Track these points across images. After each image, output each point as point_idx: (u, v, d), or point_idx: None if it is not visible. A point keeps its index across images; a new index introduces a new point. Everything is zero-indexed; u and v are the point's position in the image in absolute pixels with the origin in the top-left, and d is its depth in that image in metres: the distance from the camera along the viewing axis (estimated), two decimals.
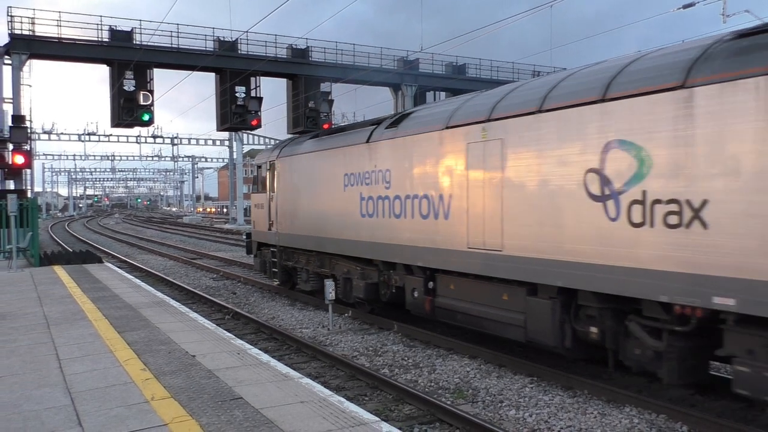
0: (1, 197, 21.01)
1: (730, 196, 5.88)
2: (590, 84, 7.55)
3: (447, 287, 9.97)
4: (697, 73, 6.24)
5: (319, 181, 13.64)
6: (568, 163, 7.61)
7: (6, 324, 9.75)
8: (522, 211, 8.25)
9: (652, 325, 6.92)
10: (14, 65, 25.32)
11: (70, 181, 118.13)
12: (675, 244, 6.34)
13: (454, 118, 9.66)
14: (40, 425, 5.24)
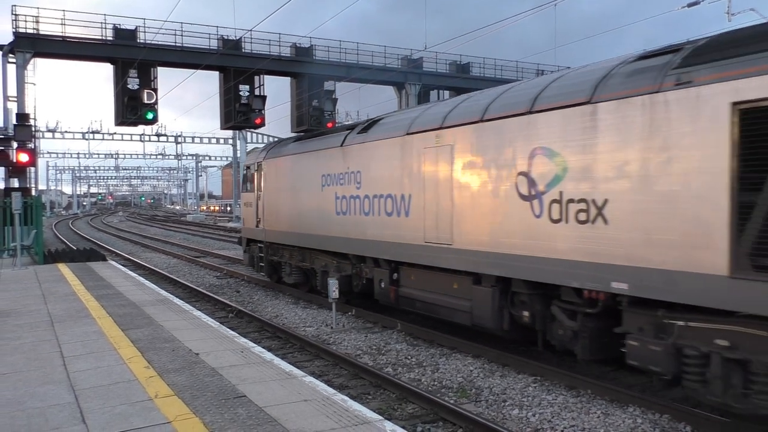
0: (5, 195, 21.07)
1: (624, 196, 6.90)
2: (521, 98, 8.56)
3: (408, 278, 11.05)
4: (600, 91, 7.29)
5: (301, 182, 14.66)
6: (503, 167, 8.65)
7: (10, 321, 9.78)
8: (468, 209, 9.30)
9: (569, 308, 7.96)
10: (18, 64, 25.35)
11: (74, 179, 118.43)
12: (584, 238, 7.38)
13: (414, 126, 10.69)
14: (44, 422, 5.25)
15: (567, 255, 7.57)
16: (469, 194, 9.29)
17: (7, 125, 24.58)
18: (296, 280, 15.45)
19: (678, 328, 6.49)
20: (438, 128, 10.00)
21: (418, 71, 33.17)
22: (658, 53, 7.17)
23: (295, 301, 15.15)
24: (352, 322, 12.47)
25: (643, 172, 6.71)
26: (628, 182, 6.86)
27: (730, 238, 5.83)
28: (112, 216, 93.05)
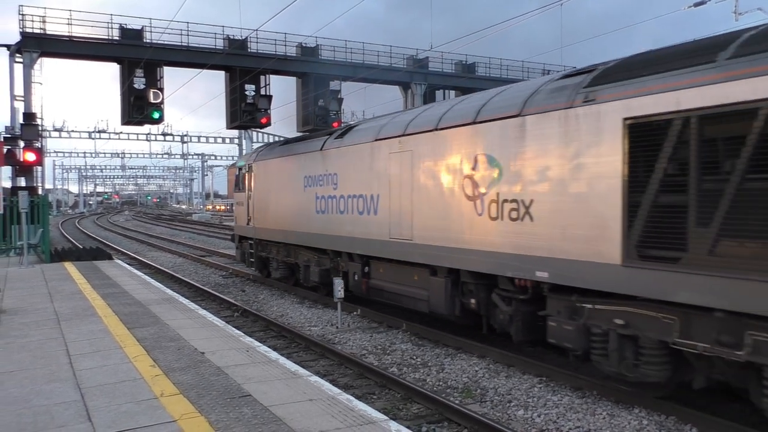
0: (12, 194, 21.16)
1: (545, 197, 7.93)
2: (468, 110, 9.58)
3: (377, 271, 12.12)
4: (528, 106, 8.32)
5: (286, 183, 15.77)
6: (453, 171, 9.69)
7: (17, 319, 9.82)
8: (425, 208, 10.36)
9: (505, 295, 8.96)
10: (25, 63, 25.47)
11: (80, 178, 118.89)
12: (515, 233, 8.42)
13: (381, 133, 11.74)
14: (50, 420, 5.27)
15: (502, 248, 8.64)
16: (425, 195, 10.35)
17: (14, 124, 24.69)
18: (282, 274, 16.60)
19: (587, 311, 7.52)
20: (401, 135, 11.07)
21: (424, 71, 33.17)
22: (576, 73, 8.20)
23: (301, 300, 15.16)
24: (357, 321, 12.47)
25: (559, 176, 7.75)
26: (549, 185, 7.91)
27: (622, 232, 6.86)
28: (119, 215, 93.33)
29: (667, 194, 6.47)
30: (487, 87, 21.64)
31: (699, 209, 6.13)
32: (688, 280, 6.19)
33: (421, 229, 10.41)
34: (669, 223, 6.43)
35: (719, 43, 6.50)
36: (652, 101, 6.64)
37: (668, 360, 6.70)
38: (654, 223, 6.59)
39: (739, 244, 5.82)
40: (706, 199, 6.09)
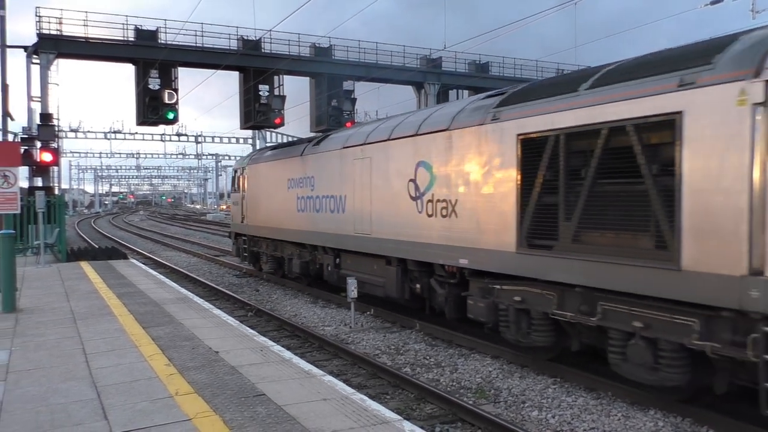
0: (29, 194, 21.39)
1: (466, 198, 9.53)
2: (412, 124, 11.21)
3: (346, 262, 13.69)
4: (454, 122, 9.95)
5: (274, 184, 17.45)
6: (400, 175, 11.31)
7: (34, 318, 9.92)
8: (380, 206, 11.96)
9: (440, 280, 10.66)
10: (42, 64, 25.72)
11: (96, 178, 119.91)
12: (445, 228, 10.04)
13: (348, 141, 13.33)
14: (67, 418, 5.32)
15: (437, 240, 10.24)
16: (380, 195, 11.98)
17: (30, 125, 24.95)
18: (271, 267, 18.16)
19: (496, 291, 9.08)
20: (362, 144, 12.65)
21: (437, 71, 33.11)
22: (492, 95, 9.85)
23: (314, 300, 15.20)
24: (370, 321, 12.48)
25: (476, 180, 9.34)
26: (468, 188, 9.50)
27: (516, 226, 8.44)
28: (133, 215, 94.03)
29: (545, 195, 8.06)
30: (501, 86, 21.56)
31: (565, 207, 7.71)
32: (559, 263, 7.78)
33: (377, 225, 12.06)
34: (546, 218, 8.03)
35: (585, 76, 8.08)
36: (535, 121, 8.25)
37: (551, 328, 8.28)
38: (537, 218, 8.18)
39: (592, 234, 7.40)
40: (570, 199, 7.67)
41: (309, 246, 15.31)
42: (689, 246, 6.25)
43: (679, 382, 6.69)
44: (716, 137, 6.06)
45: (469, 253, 9.43)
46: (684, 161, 6.33)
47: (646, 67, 7.19)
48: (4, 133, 20.69)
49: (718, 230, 5.99)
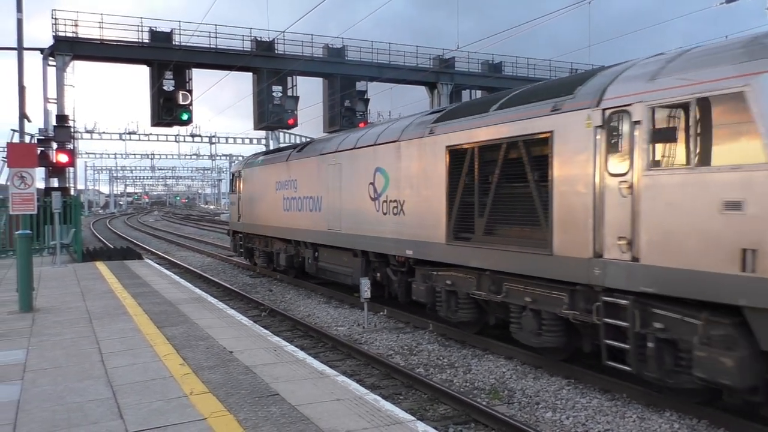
0: (45, 195, 21.59)
1: (411, 198, 11.35)
2: (372, 136, 13.03)
3: (323, 255, 15.49)
4: (403, 134, 11.75)
5: (264, 187, 19.28)
6: (362, 179, 13.10)
7: (50, 318, 10.02)
8: (347, 205, 13.78)
9: (394, 269, 12.37)
10: (58, 66, 25.96)
11: (111, 179, 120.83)
12: (396, 224, 11.84)
13: (324, 149, 15.29)
14: (83, 417, 5.36)
15: (390, 235, 12.04)
16: (348, 196, 13.74)
17: (47, 126, 25.18)
18: (263, 261, 19.99)
19: (434, 276, 10.93)
20: (334, 152, 14.53)
21: (450, 71, 33.05)
22: (433, 112, 11.74)
23: (327, 300, 15.22)
24: (383, 322, 12.48)
25: (417, 184, 11.13)
26: (412, 190, 11.30)
27: (446, 221, 10.23)
28: (148, 215, 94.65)
29: (466, 196, 9.84)
30: (514, 86, 21.58)
31: (479, 206, 9.50)
32: (475, 252, 9.58)
33: (345, 222, 13.85)
34: (466, 215, 9.83)
35: (495, 99, 9.87)
36: (459, 135, 10.04)
37: (473, 307, 10.07)
38: (460, 215, 10.00)
39: (497, 228, 9.21)
40: (482, 199, 9.43)
41: (293, 241, 17.28)
42: (557, 236, 7.98)
43: (555, 344, 8.43)
44: (573, 151, 7.79)
45: (414, 245, 11.30)
46: (554, 170, 8.06)
47: (535, 94, 8.93)
48: (21, 135, 20.88)
49: (575, 224, 7.71)
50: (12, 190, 13.19)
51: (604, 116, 7.38)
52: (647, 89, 6.97)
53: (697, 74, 6.48)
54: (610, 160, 7.31)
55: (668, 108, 6.72)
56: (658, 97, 6.81)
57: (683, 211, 6.47)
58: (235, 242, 23.07)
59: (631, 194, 7.01)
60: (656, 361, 6.77)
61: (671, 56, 7.28)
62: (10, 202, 13.31)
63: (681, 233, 6.46)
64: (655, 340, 6.81)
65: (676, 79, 6.72)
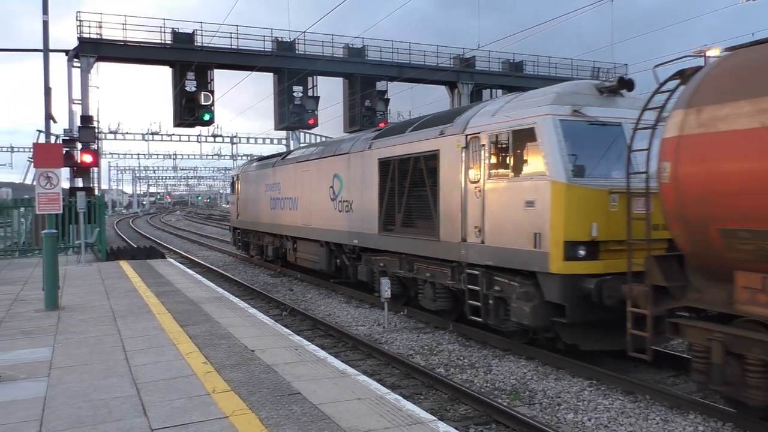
0: (70, 194, 21.91)
1: (356, 199, 14.08)
2: (333, 147, 16.09)
3: (299, 246, 18.39)
4: (352, 148, 14.59)
5: (256, 188, 22.44)
6: (326, 183, 16.00)
7: (75, 316, 10.17)
8: (315, 205, 16.73)
9: (348, 255, 15.08)
10: (83, 68, 26.34)
11: (134, 179, 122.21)
12: (347, 219, 14.64)
13: (299, 158, 18.50)
14: (108, 414, 5.44)
15: (343, 228, 14.90)
16: (316, 197, 16.69)
17: (72, 127, 25.55)
18: (256, 253, 23.01)
19: (372, 260, 13.72)
20: (307, 160, 17.69)
21: (471, 70, 32.94)
22: (375, 131, 14.78)
23: (348, 300, 15.27)
24: (403, 321, 12.48)
25: (362, 187, 13.90)
26: (359, 192, 14.08)
27: (378, 217, 13.06)
28: (170, 215, 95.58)
29: (390, 197, 12.70)
30: (535, 85, 21.67)
31: (397, 204, 12.38)
32: (396, 240, 12.44)
33: (314, 219, 16.83)
34: (390, 212, 12.68)
35: (412, 122, 13.04)
36: (385, 150, 12.96)
37: (399, 283, 12.81)
38: (386, 212, 12.81)
39: (408, 222, 12.05)
40: (400, 200, 12.34)
41: (278, 235, 20.18)
42: (442, 227, 10.90)
43: (445, 308, 11.34)
44: (450, 165, 10.70)
45: (359, 236, 14.07)
46: (440, 178, 10.98)
47: (433, 121, 11.93)
48: (47, 135, 21.23)
49: (451, 217, 10.62)
50: (38, 189, 13.42)
51: (467, 140, 10.29)
52: (489, 122, 9.91)
53: (514, 113, 9.42)
54: (470, 172, 10.17)
55: (498, 136, 9.57)
56: (494, 129, 9.70)
57: (506, 208, 9.34)
58: (234, 237, 26.42)
59: (481, 196, 9.85)
60: (494, 313, 9.58)
61: (509, 99, 10.39)
62: (37, 202, 13.55)
63: (505, 223, 9.32)
64: (494, 298, 9.65)
65: (503, 116, 9.65)
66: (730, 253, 6.23)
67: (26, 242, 22.74)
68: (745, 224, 6.00)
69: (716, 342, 6.41)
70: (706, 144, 6.32)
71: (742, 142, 6.01)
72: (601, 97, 9.24)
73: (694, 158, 6.43)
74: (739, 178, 6.01)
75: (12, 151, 71.59)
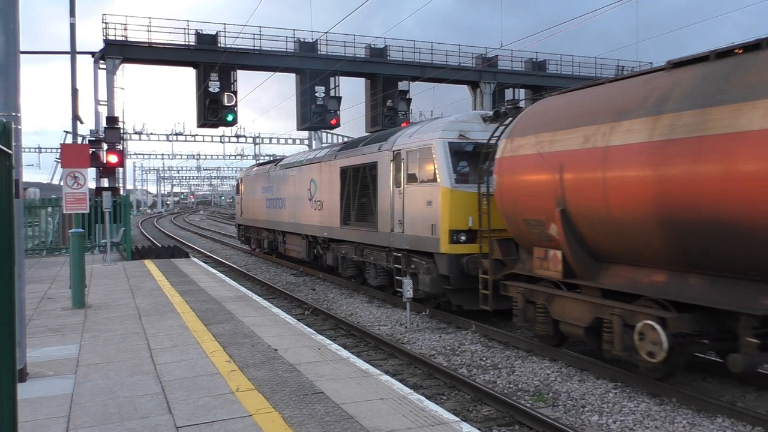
0: (96, 194, 22.22)
1: (326, 199, 17.25)
2: (312, 157, 19.14)
3: (287, 239, 21.83)
4: (323, 158, 17.80)
5: (254, 190, 26.14)
6: (305, 186, 19.08)
7: (101, 314, 10.31)
8: (299, 204, 19.86)
9: (322, 246, 18.16)
10: (108, 69, 26.67)
11: (158, 179, 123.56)
12: (319, 216, 17.77)
13: (288, 164, 21.58)
14: (134, 411, 5.50)
15: (317, 223, 17.99)
16: (299, 198, 19.82)
17: (97, 128, 25.89)
18: (256, 246, 26.90)
19: (338, 248, 16.71)
20: (292, 167, 21.01)
21: (493, 70, 32.75)
22: (343, 143, 17.70)
23: (370, 300, 15.27)
24: (426, 322, 12.45)
25: (329, 190, 16.96)
26: (327, 194, 17.08)
27: (339, 213, 16.08)
28: (194, 215, 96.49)
29: (347, 198, 15.68)
30: (558, 85, 21.58)
31: (352, 203, 15.28)
32: (351, 231, 15.44)
33: (297, 216, 20.04)
34: (347, 209, 15.64)
35: (363, 139, 16.40)
36: (344, 161, 15.99)
37: (356, 266, 16.08)
38: (344, 209, 15.81)
39: (359, 216, 14.93)
40: (353, 199, 15.26)
41: (272, 230, 23.73)
42: (379, 221, 13.94)
43: (383, 284, 14.59)
44: (383, 174, 13.85)
45: (327, 229, 17.23)
46: (377, 184, 14.11)
47: (376, 139, 15.21)
48: (74, 136, 21.53)
49: (384, 214, 13.69)
50: (65, 189, 13.61)
51: (393, 155, 13.50)
52: (406, 142, 13.18)
53: (421, 136, 12.67)
54: (395, 179, 13.38)
55: (410, 153, 12.85)
56: (408, 147, 12.97)
57: (416, 206, 12.52)
58: (239, 233, 30.88)
59: (402, 197, 13.01)
60: (412, 286, 11.89)
61: (425, 124, 13.75)
62: (64, 202, 13.75)
63: (416, 217, 12.51)
64: (411, 275, 12.82)
65: (415, 138, 12.88)
66: (530, 235, 9.44)
67: (53, 241, 23.12)
68: (532, 216, 9.18)
69: (520, 294, 9.81)
70: (514, 163, 9.61)
71: (528, 162, 9.26)
72: (484, 124, 12.25)
73: (508, 173, 9.70)
74: (527, 185, 9.27)
75: (40, 152, 72.91)
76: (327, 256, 17.69)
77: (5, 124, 3.47)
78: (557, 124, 8.95)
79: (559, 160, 8.60)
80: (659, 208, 7.11)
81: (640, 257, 7.77)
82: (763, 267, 6.32)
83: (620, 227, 7.73)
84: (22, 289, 6.37)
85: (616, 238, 7.94)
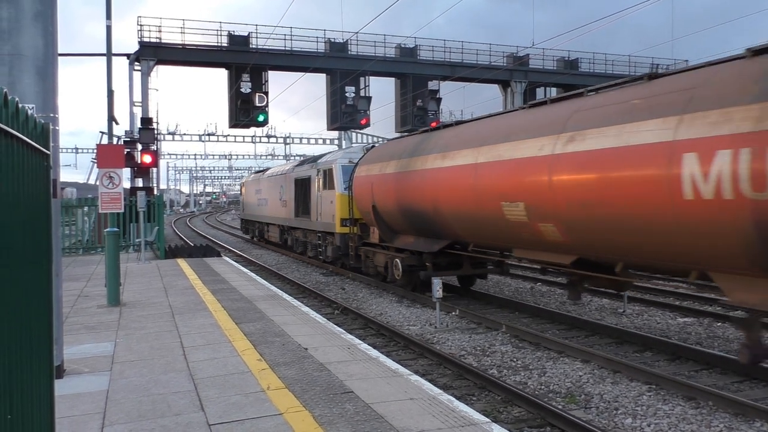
0: (131, 194, 22.61)
1: (288, 199, 25.71)
2: (285, 169, 27.21)
3: (269, 229, 29.78)
4: (287, 172, 26.25)
5: (252, 192, 33.59)
6: (278, 191, 27.10)
7: (135, 312, 10.48)
8: (274, 204, 27.93)
9: (287, 233, 26.67)
10: (143, 71, 27.13)
11: (191, 179, 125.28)
12: (285, 212, 26.24)
13: (271, 174, 29.24)
14: (167, 408, 5.58)
15: (283, 216, 26.23)
16: (274, 199, 27.40)
17: (132, 129, 26.35)
18: (253, 235, 35.01)
19: (294, 233, 25.59)
20: (272, 176, 28.55)
21: (524, 68, 32.47)
22: (300, 162, 26.83)
23: (399, 299, 15.26)
24: (455, 322, 12.40)
25: (289, 194, 25.07)
26: (288, 196, 25.29)
27: (293, 209, 24.71)
28: (225, 214, 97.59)
29: (297, 198, 23.98)
30: (591, 83, 21.32)
31: (300, 203, 23.63)
32: (299, 221, 23.94)
33: (273, 211, 27.65)
34: (297, 206, 23.98)
35: (308, 160, 24.83)
36: (297, 174, 24.27)
37: (303, 246, 24.24)
38: (296, 205, 24.11)
39: (303, 211, 23.28)
40: (301, 200, 23.63)
41: (260, 222, 31.76)
42: (312, 214, 21.80)
43: (316, 255, 22.44)
44: (314, 183, 21.79)
45: (288, 220, 24.76)
46: (311, 190, 21.98)
47: (314, 158, 23.24)
48: (109, 137, 21.95)
49: (313, 209, 21.84)
50: (101, 189, 13.87)
51: (318, 171, 21.13)
52: (323, 162, 20.97)
53: (329, 160, 20.65)
54: (318, 186, 20.93)
55: (324, 170, 20.61)
56: (323, 167, 20.75)
57: (325, 204, 20.28)
58: (242, 225, 39.48)
59: (320, 198, 20.73)
60: (324, 253, 21.00)
61: (338, 152, 22.04)
62: (100, 201, 14.00)
63: (326, 211, 20.22)
64: (323, 246, 21.36)
65: (327, 161, 20.70)
66: (367, 220, 17.20)
67: (89, 240, 23.60)
68: (365, 209, 16.94)
69: (363, 252, 17.41)
70: (359, 180, 17.10)
71: (363, 180, 16.84)
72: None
73: (357, 186, 17.24)
74: (363, 192, 16.87)
75: (76, 152, 74.48)
76: (289, 239, 26.02)
77: (44, 125, 3.54)
78: (373, 160, 16.76)
79: (372, 180, 16.31)
80: (399, 203, 14.89)
81: (402, 229, 15.53)
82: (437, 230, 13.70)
83: (394, 214, 15.37)
84: (59, 287, 6.51)
85: (395, 220, 15.52)
